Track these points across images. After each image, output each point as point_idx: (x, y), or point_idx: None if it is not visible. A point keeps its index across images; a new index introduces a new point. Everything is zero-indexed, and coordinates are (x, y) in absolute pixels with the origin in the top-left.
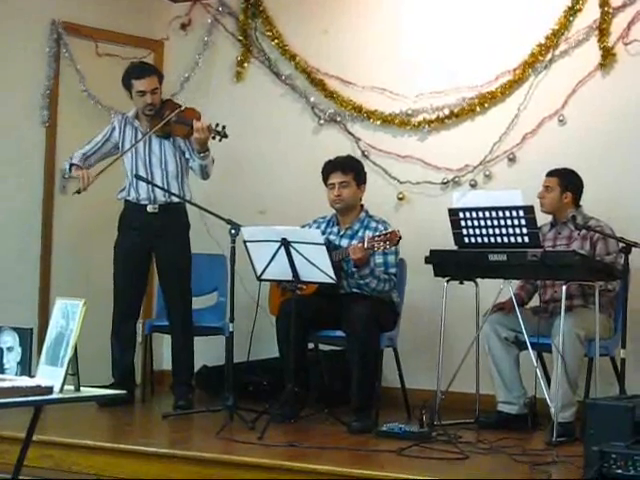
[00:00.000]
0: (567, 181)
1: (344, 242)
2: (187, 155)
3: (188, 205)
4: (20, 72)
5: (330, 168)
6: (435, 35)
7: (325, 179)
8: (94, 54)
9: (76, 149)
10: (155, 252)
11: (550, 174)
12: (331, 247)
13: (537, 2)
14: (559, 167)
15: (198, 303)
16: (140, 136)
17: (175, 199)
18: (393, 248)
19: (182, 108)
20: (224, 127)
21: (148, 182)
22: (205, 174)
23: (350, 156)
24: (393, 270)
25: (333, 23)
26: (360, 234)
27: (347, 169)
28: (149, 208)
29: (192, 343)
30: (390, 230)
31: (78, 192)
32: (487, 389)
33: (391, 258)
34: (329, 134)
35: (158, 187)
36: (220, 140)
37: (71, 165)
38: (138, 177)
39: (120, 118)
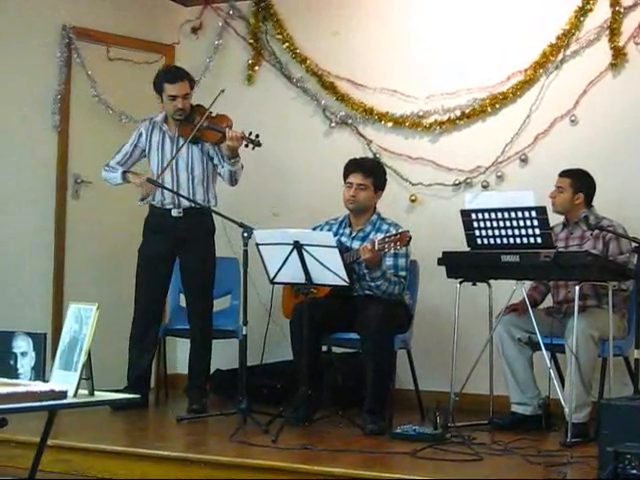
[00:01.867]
0: (580, 182)
1: (355, 244)
2: (215, 161)
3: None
4: (32, 77)
5: (352, 167)
6: (446, 36)
7: (345, 176)
8: (105, 59)
9: (105, 168)
10: (179, 256)
11: (563, 174)
12: (342, 249)
13: (548, 2)
14: (572, 167)
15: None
16: (168, 140)
17: (200, 203)
18: (404, 250)
19: (213, 114)
20: (257, 135)
21: (160, 186)
22: (234, 180)
23: (376, 161)
24: (403, 273)
25: (343, 25)
26: (372, 236)
27: (368, 173)
28: (174, 212)
29: (211, 348)
30: (401, 231)
31: (142, 199)
32: (501, 390)
33: (401, 261)
34: (341, 137)
35: (174, 192)
36: (253, 148)
37: (124, 172)
38: (150, 181)
39: (147, 123)
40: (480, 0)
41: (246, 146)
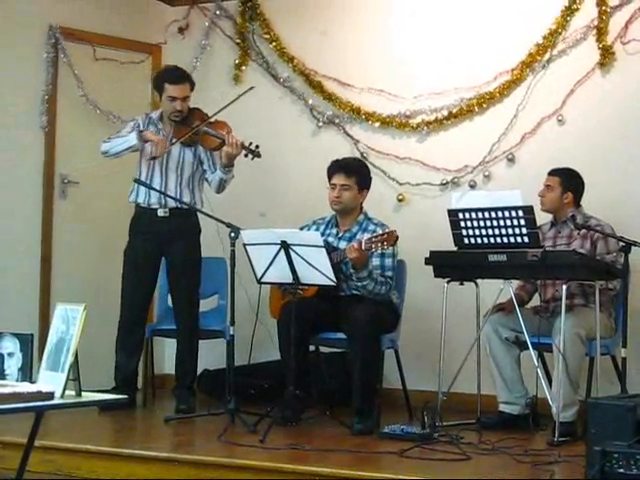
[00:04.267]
0: (568, 181)
1: (342, 244)
2: (205, 166)
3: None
4: (18, 77)
5: (335, 168)
6: (433, 36)
7: (329, 178)
8: (92, 59)
9: (105, 140)
10: (165, 256)
11: (552, 173)
12: (330, 249)
13: (534, 2)
14: (561, 166)
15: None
16: (171, 141)
17: (188, 203)
18: (390, 250)
19: (212, 119)
20: (257, 146)
21: (147, 186)
22: (222, 188)
23: (358, 160)
24: (390, 273)
25: (330, 25)
26: (358, 236)
27: (351, 172)
28: (160, 212)
29: (197, 348)
30: (387, 230)
31: (154, 158)
32: (488, 390)
33: (388, 261)
34: (328, 136)
35: (160, 192)
36: (252, 159)
37: (139, 131)
38: (137, 181)
39: (144, 117)
40: (467, 0)
41: (245, 156)
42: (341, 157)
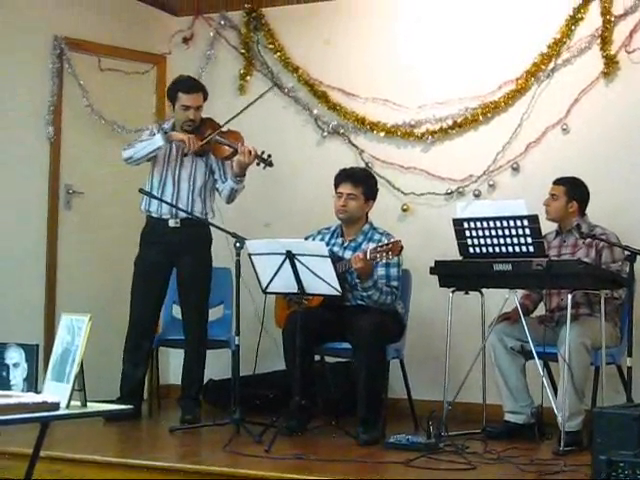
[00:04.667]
0: (574, 190)
1: (348, 254)
2: (216, 176)
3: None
4: (23, 88)
5: (342, 177)
6: (437, 45)
7: (335, 186)
8: (97, 69)
9: (125, 148)
10: (176, 267)
11: (557, 182)
12: (335, 258)
13: (539, 11)
14: (567, 176)
15: None
16: (175, 148)
17: (197, 215)
18: (395, 260)
19: (224, 129)
20: (270, 155)
21: (152, 196)
22: (232, 198)
23: (365, 170)
24: (395, 283)
25: (335, 35)
26: (364, 246)
27: (358, 182)
28: (171, 223)
29: (205, 359)
30: (392, 240)
31: (185, 155)
32: (494, 399)
33: (393, 271)
34: (333, 146)
35: (164, 202)
36: (264, 168)
37: (165, 132)
38: (142, 192)
39: (157, 126)
40: (471, 10)
41: (257, 164)
42: (348, 167)
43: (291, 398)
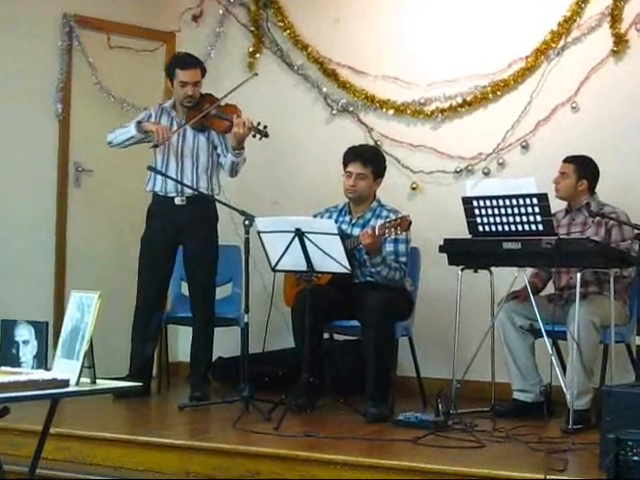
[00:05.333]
0: (584, 169)
1: (356, 231)
2: (219, 150)
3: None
4: (33, 66)
5: (352, 157)
6: (447, 23)
7: (344, 165)
8: (106, 47)
9: (110, 131)
10: (182, 244)
11: (567, 160)
12: (343, 236)
13: None
14: (576, 154)
15: None
16: (176, 126)
17: (203, 191)
18: (404, 236)
19: (222, 103)
20: (265, 126)
21: (161, 174)
22: (234, 172)
23: (374, 148)
24: (404, 259)
25: (344, 13)
26: (372, 223)
27: (368, 162)
28: (177, 200)
29: (213, 336)
30: (401, 215)
31: (156, 146)
32: (503, 377)
33: (402, 247)
34: (342, 124)
35: (174, 180)
36: (260, 139)
37: (139, 122)
38: (151, 169)
39: (157, 107)
40: None
41: (254, 136)
42: (357, 144)
43: (300, 376)
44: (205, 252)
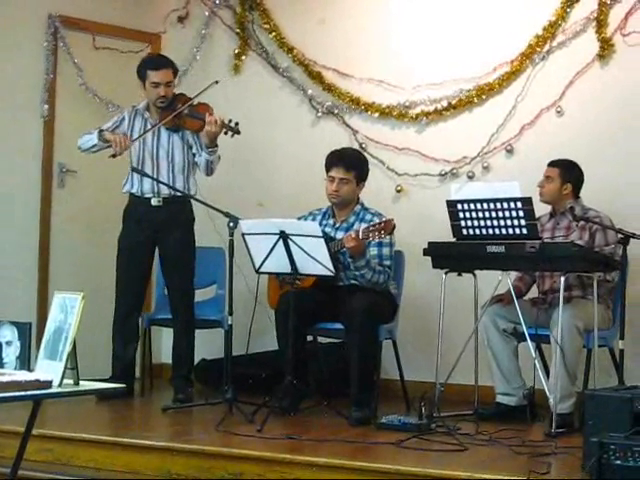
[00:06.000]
0: (568, 173)
1: (339, 234)
2: (194, 150)
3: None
4: (18, 66)
5: (334, 161)
6: (432, 26)
7: (327, 169)
8: (91, 47)
9: (80, 136)
10: (159, 245)
11: (552, 164)
12: (327, 239)
13: None
14: (561, 158)
15: (197, 296)
16: (149, 126)
17: (186, 192)
18: (388, 239)
19: (194, 102)
20: (237, 124)
21: (144, 174)
22: (210, 170)
23: (357, 152)
24: (388, 262)
25: (330, 15)
26: (355, 226)
27: (350, 167)
28: (153, 201)
29: (193, 337)
30: (385, 219)
31: (114, 156)
32: (486, 381)
33: (386, 250)
34: (327, 126)
35: (157, 180)
36: (232, 136)
37: (101, 131)
38: (135, 170)
39: (130, 110)
40: None
41: (225, 133)
42: (340, 147)
43: (283, 378)
44: (182, 253)
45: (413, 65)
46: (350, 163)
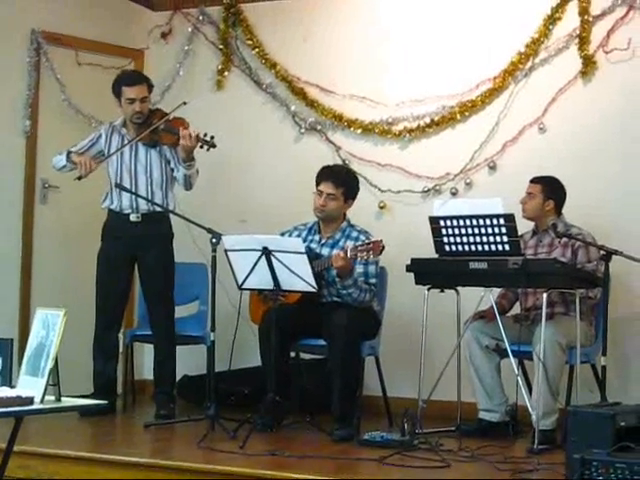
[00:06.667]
0: (550, 189)
1: (325, 251)
2: (172, 165)
3: (172, 214)
4: (0, 82)
5: (324, 176)
6: (415, 43)
7: (317, 183)
8: (74, 63)
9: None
10: (138, 261)
11: (534, 181)
12: (312, 255)
13: (517, 11)
14: (544, 174)
15: (179, 312)
16: (126, 141)
17: (158, 208)
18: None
19: (170, 117)
20: (212, 137)
21: (128, 191)
22: (188, 184)
23: (348, 170)
24: (374, 280)
25: (313, 32)
26: (341, 243)
27: (339, 183)
28: (132, 217)
29: (174, 352)
30: (374, 240)
31: (79, 178)
32: (468, 397)
33: (372, 268)
34: (310, 143)
35: (139, 196)
36: (208, 150)
37: (69, 153)
38: (118, 186)
39: (107, 126)
40: (449, 8)
41: (201, 147)
42: (332, 164)
43: (266, 394)
44: (161, 268)
45: (396, 82)
46: (339, 180)
